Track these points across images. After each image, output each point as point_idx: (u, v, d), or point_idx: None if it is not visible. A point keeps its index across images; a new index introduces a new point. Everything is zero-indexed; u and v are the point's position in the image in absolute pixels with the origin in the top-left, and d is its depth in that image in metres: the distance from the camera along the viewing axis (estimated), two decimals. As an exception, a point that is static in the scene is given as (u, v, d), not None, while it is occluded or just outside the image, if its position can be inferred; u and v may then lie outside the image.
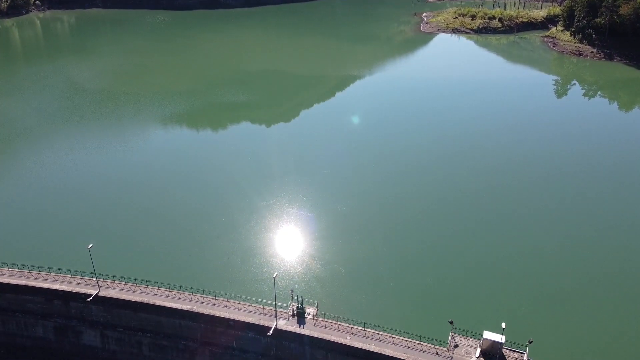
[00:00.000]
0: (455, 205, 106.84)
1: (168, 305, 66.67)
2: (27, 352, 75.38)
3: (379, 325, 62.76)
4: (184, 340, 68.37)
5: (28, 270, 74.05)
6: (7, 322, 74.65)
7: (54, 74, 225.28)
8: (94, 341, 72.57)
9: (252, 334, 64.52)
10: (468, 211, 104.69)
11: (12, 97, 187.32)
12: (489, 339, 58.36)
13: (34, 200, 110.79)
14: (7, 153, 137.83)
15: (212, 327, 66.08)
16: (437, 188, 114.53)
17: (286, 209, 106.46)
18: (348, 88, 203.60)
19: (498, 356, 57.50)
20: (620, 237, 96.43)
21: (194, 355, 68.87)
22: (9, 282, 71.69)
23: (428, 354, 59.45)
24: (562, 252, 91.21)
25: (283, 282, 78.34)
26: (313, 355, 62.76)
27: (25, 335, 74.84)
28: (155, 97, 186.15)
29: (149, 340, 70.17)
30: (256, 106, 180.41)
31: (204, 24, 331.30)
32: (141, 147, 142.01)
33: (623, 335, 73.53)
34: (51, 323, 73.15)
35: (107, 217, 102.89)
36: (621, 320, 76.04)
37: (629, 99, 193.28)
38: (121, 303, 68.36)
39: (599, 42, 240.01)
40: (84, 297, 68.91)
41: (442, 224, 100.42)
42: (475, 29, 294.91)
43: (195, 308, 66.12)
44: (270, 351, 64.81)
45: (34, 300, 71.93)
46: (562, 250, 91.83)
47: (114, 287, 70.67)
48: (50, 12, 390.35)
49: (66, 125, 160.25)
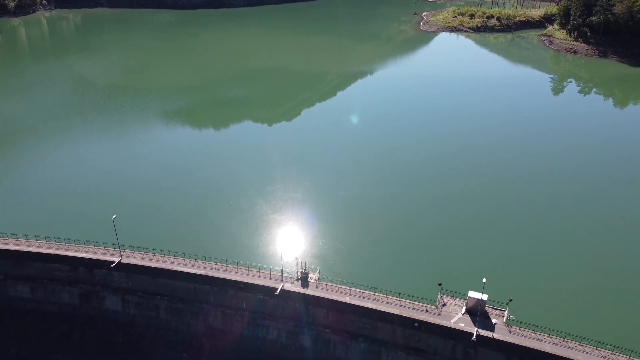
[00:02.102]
0: (444, 183, 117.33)
1: (184, 270, 73.55)
2: (54, 318, 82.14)
3: (375, 287, 69.55)
4: (198, 303, 75.16)
5: (55, 242, 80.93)
6: (35, 289, 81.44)
7: (63, 70, 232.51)
8: (115, 306, 79.39)
9: (260, 295, 71.33)
10: (456, 188, 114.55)
11: (26, 92, 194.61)
12: (473, 297, 64.97)
13: (61, 179, 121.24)
14: (32, 139, 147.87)
15: (224, 290, 72.92)
16: (428, 171, 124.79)
17: (290, 193, 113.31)
18: (349, 86, 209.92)
19: (480, 312, 64.16)
20: (598, 206, 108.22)
21: (207, 317, 75.68)
22: (38, 251, 78.58)
23: (419, 311, 66.17)
24: (541, 223, 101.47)
25: (288, 252, 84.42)
26: (315, 313, 69.57)
27: (52, 301, 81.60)
28: (163, 92, 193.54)
29: (166, 304, 76.98)
30: (258, 103, 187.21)
31: (208, 23, 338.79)
32: (155, 136, 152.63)
33: (594, 294, 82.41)
34: (76, 289, 79.98)
35: (129, 194, 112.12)
36: (593, 281, 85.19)
37: (623, 95, 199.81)
38: (141, 269, 75.21)
39: (594, 40, 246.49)
40: (107, 264, 75.78)
41: (432, 201, 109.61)
42: (474, 27, 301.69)
43: (208, 273, 72.98)
44: (277, 311, 71.58)
45: (61, 268, 78.79)
46: (541, 221, 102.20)
47: (134, 256, 77.52)
48: (56, 11, 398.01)
49: (80, 116, 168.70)
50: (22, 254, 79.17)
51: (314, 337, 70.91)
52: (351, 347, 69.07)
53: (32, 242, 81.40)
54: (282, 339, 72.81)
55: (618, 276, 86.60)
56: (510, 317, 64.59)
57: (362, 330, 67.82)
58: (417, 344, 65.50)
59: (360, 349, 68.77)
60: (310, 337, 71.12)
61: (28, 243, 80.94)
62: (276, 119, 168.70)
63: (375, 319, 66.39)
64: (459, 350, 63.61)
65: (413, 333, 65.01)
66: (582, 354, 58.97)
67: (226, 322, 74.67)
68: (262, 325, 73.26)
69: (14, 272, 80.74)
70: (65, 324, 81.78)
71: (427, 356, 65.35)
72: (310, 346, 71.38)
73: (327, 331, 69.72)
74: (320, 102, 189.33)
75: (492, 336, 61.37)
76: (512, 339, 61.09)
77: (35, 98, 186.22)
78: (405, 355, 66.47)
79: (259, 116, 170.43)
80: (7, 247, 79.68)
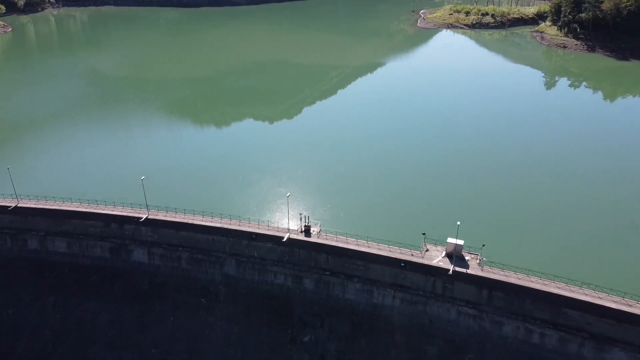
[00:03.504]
0: (426, 151, 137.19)
1: (203, 224, 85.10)
2: (87, 270, 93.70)
3: (368, 236, 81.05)
4: (215, 253, 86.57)
5: (88, 204, 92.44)
6: (71, 244, 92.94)
7: (77, 64, 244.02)
8: (142, 258, 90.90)
9: (270, 244, 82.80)
10: (440, 159, 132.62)
11: (46, 83, 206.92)
12: (451, 242, 76.40)
13: (94, 150, 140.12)
14: (64, 119, 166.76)
15: (238, 241, 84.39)
16: (413, 141, 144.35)
17: (293, 170, 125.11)
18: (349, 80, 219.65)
19: (457, 255, 75.57)
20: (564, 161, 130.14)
21: (223, 265, 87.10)
22: (76, 209, 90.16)
23: (405, 254, 77.57)
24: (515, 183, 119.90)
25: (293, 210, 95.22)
26: (317, 258, 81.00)
27: (86, 255, 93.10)
28: (172, 82, 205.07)
29: (187, 255, 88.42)
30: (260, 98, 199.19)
31: (212, 20, 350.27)
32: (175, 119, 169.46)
33: (555, 238, 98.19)
34: (107, 244, 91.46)
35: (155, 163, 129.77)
36: (554, 227, 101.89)
37: (610, 86, 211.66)
38: (166, 224, 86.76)
39: (583, 36, 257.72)
40: (136, 220, 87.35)
41: (419, 166, 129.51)
42: (469, 24, 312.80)
43: (224, 225, 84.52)
44: (284, 257, 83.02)
45: (95, 224, 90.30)
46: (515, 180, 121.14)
47: (159, 214, 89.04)
48: (64, 9, 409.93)
49: (101, 103, 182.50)
50: (62, 213, 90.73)
51: (316, 279, 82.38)
52: (347, 287, 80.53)
53: (69, 203, 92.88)
54: (288, 282, 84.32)
55: (578, 220, 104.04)
56: (483, 259, 75.97)
57: (357, 271, 79.23)
58: (403, 282, 76.91)
59: (355, 288, 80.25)
60: (313, 280, 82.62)
61: (66, 204, 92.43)
62: (277, 117, 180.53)
63: (368, 261, 77.82)
64: (439, 286, 75.03)
65: (399, 272, 76.45)
66: (541, 284, 70.35)
67: (240, 269, 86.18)
68: (271, 271, 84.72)
69: (53, 229, 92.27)
70: (97, 275, 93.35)
71: (411, 292, 76.80)
72: (313, 288, 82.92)
73: (327, 274, 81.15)
74: (321, 101, 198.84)
75: (466, 272, 72.82)
76: (482, 274, 72.56)
77: (56, 88, 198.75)
78: (393, 292, 77.91)
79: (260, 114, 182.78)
80: (48, 207, 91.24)
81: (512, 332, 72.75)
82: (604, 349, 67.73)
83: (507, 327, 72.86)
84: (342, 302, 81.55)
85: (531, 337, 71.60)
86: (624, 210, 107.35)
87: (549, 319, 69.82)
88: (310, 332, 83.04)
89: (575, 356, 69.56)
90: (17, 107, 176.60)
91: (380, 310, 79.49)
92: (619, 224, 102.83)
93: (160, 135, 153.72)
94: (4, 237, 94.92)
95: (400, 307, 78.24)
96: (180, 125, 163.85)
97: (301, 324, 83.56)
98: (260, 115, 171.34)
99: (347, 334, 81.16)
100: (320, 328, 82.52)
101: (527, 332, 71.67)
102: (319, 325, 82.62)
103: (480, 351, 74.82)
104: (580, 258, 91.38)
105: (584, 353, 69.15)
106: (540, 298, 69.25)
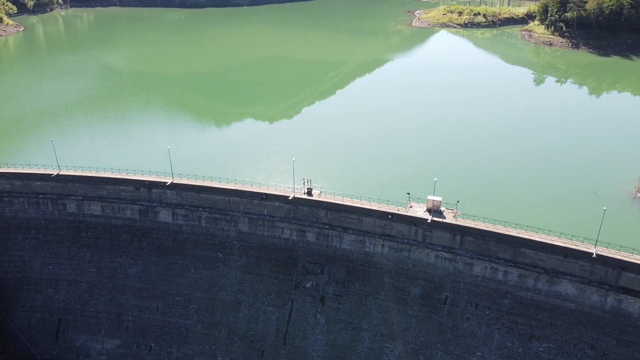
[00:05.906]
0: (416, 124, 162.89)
1: (222, 186, 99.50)
2: (119, 229, 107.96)
3: (361, 196, 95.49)
4: (231, 212, 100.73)
5: (120, 172, 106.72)
6: (105, 207, 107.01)
7: (90, 60, 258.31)
8: (167, 218, 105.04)
9: (277, 203, 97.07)
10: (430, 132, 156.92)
11: (63, 78, 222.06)
12: (431, 199, 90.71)
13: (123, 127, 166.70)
14: (88, 107, 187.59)
15: (250, 201, 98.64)
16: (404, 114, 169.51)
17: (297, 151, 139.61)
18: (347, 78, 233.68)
19: (435, 209, 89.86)
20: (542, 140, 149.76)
21: (237, 223, 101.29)
22: (110, 176, 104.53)
23: (392, 209, 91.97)
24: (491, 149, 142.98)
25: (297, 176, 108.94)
26: (317, 214, 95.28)
27: (117, 216, 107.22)
28: (181, 76, 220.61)
29: (207, 215, 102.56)
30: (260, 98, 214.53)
31: (215, 21, 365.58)
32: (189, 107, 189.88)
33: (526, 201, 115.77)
34: (137, 206, 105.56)
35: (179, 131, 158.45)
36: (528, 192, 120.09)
37: (594, 83, 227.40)
38: (188, 187, 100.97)
39: (568, 34, 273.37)
40: (162, 184, 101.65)
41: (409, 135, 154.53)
42: (462, 23, 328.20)
43: (239, 187, 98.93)
44: (289, 214, 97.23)
45: (127, 189, 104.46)
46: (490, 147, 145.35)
47: (182, 179, 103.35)
48: (71, 9, 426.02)
49: (119, 94, 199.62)
50: (97, 179, 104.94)
51: (317, 233, 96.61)
52: (344, 238, 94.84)
53: (102, 172, 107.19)
54: (293, 236, 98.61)
55: (545, 185, 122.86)
56: (458, 213, 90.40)
57: (351, 224, 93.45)
58: (390, 232, 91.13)
59: (350, 239, 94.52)
60: (314, 233, 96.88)
61: (101, 173, 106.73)
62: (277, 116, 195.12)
63: (361, 214, 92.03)
64: (420, 234, 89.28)
65: (387, 223, 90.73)
66: (504, 229, 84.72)
67: (252, 226, 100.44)
68: (279, 227, 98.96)
69: (90, 194, 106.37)
70: (128, 234, 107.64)
71: (397, 240, 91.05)
72: (314, 240, 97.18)
73: (326, 227, 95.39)
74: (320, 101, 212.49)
75: (442, 221, 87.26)
76: (456, 223, 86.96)
77: (74, 82, 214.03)
78: (382, 241, 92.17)
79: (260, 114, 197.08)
80: (85, 175, 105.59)
81: (481, 272, 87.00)
82: (555, 281, 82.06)
83: (476, 267, 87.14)
84: (339, 251, 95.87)
85: (496, 274, 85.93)
86: (590, 183, 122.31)
87: (511, 259, 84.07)
88: (312, 278, 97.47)
89: (532, 289, 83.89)
90: (40, 99, 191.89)
91: (371, 257, 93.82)
92: (584, 193, 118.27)
93: (179, 118, 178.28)
94: (46, 202, 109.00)
95: (388, 254, 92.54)
96: (195, 109, 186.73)
97: (304, 271, 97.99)
98: (260, 114, 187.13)
99: (344, 278, 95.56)
100: (321, 274, 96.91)
101: (493, 270, 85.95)
102: (320, 272, 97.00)
103: (455, 289, 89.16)
104: (541, 214, 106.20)
105: (539, 286, 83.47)
106: (502, 240, 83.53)
